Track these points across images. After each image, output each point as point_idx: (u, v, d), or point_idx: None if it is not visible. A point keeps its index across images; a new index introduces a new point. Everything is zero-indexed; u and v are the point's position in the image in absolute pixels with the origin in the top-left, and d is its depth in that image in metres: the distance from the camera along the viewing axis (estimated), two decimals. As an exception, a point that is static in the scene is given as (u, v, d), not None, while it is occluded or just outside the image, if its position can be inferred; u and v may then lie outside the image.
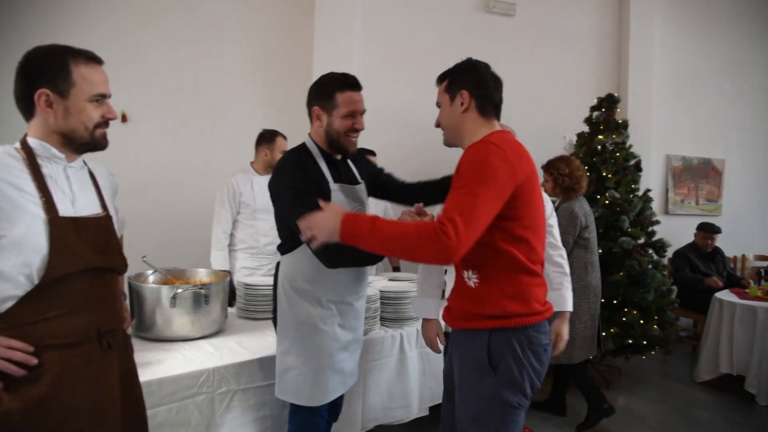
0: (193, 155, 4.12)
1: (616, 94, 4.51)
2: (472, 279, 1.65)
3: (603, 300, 4.04)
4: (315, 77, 2.10)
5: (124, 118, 3.74)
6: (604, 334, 3.95)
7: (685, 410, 3.86)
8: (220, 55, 4.17)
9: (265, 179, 3.11)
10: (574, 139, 4.68)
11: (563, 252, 2.56)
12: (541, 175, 3.79)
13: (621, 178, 4.25)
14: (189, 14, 4.09)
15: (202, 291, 2.34)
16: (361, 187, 2.11)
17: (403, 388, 2.66)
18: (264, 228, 3.37)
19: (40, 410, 1.28)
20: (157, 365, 2.08)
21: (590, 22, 5.39)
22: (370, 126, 4.24)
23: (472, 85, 1.70)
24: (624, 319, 4.03)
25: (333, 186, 1.97)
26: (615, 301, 4.10)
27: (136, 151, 3.91)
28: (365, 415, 2.58)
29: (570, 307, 2.46)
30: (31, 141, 1.38)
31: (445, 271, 1.93)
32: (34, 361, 1.27)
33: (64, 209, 1.36)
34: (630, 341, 4.06)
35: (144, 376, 1.84)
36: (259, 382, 2.19)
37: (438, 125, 1.81)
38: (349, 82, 1.99)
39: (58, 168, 1.41)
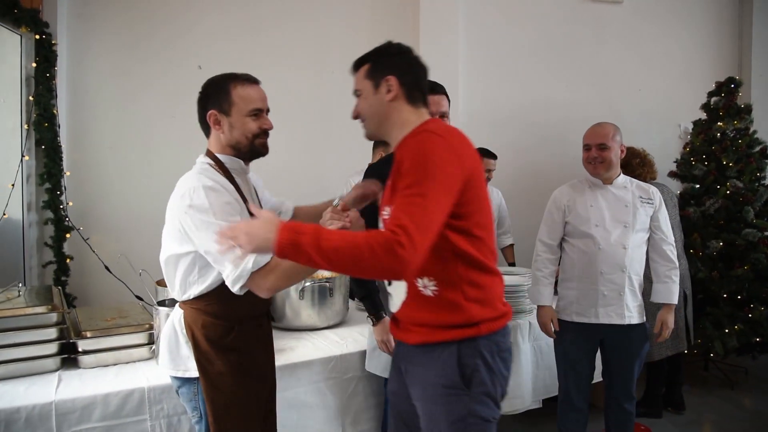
0: (304, 158, 4.37)
1: (737, 77, 4.25)
2: (429, 287, 1.47)
3: (725, 295, 3.85)
4: None
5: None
6: (726, 331, 3.76)
7: (822, 414, 3.59)
8: (327, 60, 4.43)
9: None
10: (690, 127, 4.46)
11: (673, 248, 2.59)
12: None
13: (744, 167, 4.01)
14: (298, 24, 4.37)
15: (327, 284, 2.58)
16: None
17: (515, 380, 2.75)
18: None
19: (238, 370, 1.62)
20: (290, 352, 2.33)
21: (706, 2, 5.09)
22: (480, 125, 4.33)
23: (399, 69, 1.53)
24: (750, 315, 3.81)
25: None
26: (739, 297, 3.88)
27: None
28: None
29: (675, 300, 2.58)
30: (221, 156, 1.67)
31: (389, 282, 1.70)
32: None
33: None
34: (757, 339, 3.83)
35: (279, 360, 2.09)
36: (381, 369, 2.38)
37: (357, 116, 1.60)
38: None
39: (244, 177, 1.72)
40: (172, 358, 1.66)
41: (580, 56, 4.68)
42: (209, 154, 1.69)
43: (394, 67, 1.53)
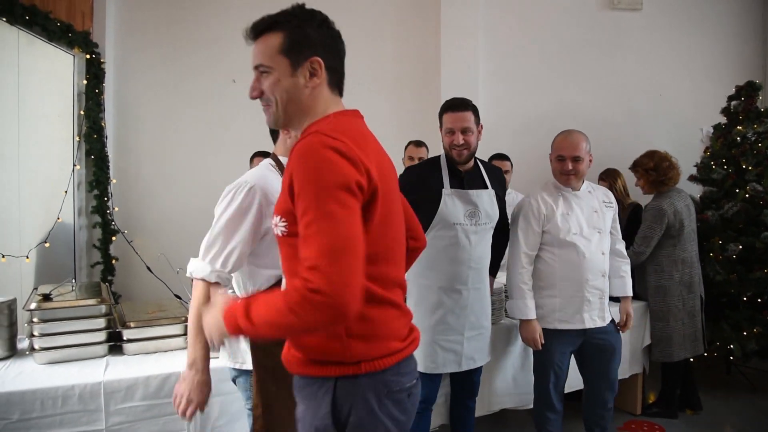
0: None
1: (757, 81, 4.27)
2: None
3: (744, 298, 3.87)
4: (443, 86, 2.44)
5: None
6: (745, 333, 3.79)
7: None
8: (352, 72, 4.63)
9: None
10: (711, 131, 4.49)
11: (623, 244, 2.81)
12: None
13: (763, 170, 4.02)
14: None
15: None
16: (480, 192, 2.40)
17: (526, 376, 2.88)
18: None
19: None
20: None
21: (728, 4, 5.09)
22: (501, 132, 4.46)
23: (325, 48, 1.27)
24: (769, 318, 3.82)
25: (447, 191, 2.35)
26: (759, 300, 3.90)
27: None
28: (491, 398, 2.85)
29: (630, 292, 2.79)
30: (283, 159, 1.79)
31: None
32: None
33: None
34: (779, 342, 3.84)
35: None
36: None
37: (258, 96, 1.29)
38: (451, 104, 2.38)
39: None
40: (231, 351, 1.82)
41: (599, 62, 4.77)
42: (273, 156, 1.81)
43: (318, 45, 1.25)
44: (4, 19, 3.28)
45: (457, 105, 2.39)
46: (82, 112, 4.12)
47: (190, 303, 1.65)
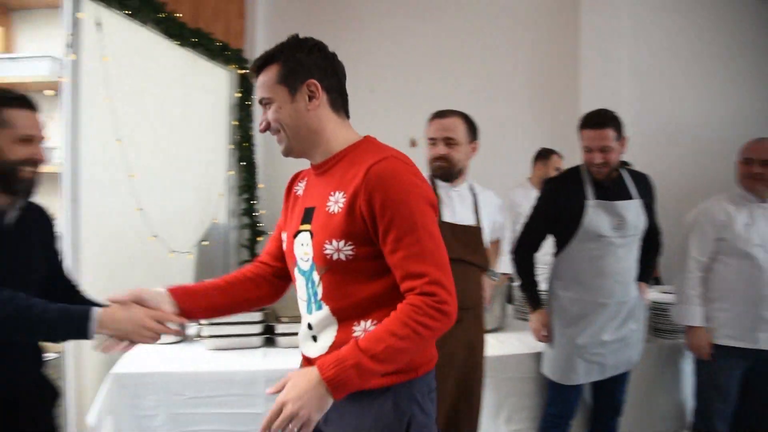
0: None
1: None
2: (368, 330, 1.25)
3: None
4: (583, 92, 2.33)
5: (413, 143, 4.45)
6: None
7: None
8: (491, 72, 4.63)
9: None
10: None
11: None
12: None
13: None
14: (461, 43, 4.64)
15: (486, 291, 2.76)
16: (626, 204, 2.30)
17: (677, 398, 2.70)
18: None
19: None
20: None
21: None
22: (645, 139, 4.23)
23: (319, 71, 1.31)
24: None
25: (591, 202, 2.26)
26: None
27: (424, 172, 4.60)
28: (636, 418, 2.68)
29: None
30: None
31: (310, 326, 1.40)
32: None
33: (447, 217, 2.03)
34: None
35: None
36: (536, 373, 2.51)
37: (266, 129, 1.34)
38: None
39: (445, 190, 2.09)
40: None
41: (756, 63, 4.35)
42: None
43: (313, 68, 1.30)
44: (177, 42, 3.68)
45: (595, 122, 2.26)
46: (234, 123, 4.50)
47: None
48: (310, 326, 1.35)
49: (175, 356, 2.37)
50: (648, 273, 2.55)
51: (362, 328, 1.26)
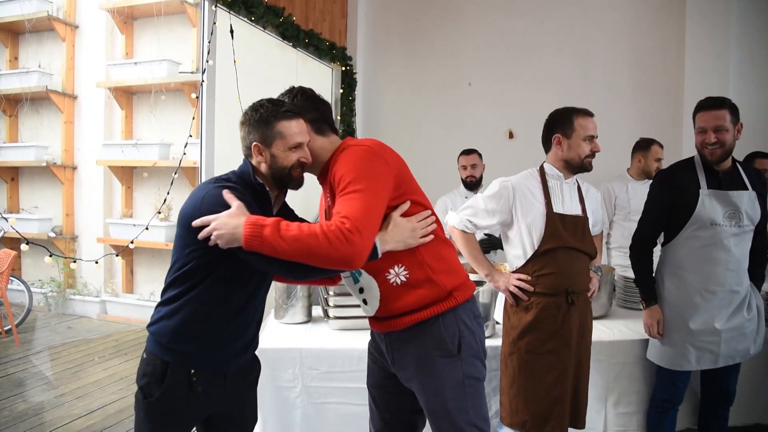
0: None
1: None
2: (401, 275, 1.63)
3: None
4: (686, 86, 2.33)
5: (510, 135, 4.55)
6: None
7: None
8: (592, 65, 4.60)
9: (640, 184, 3.46)
10: None
11: None
12: None
13: None
14: (562, 32, 4.63)
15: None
16: (740, 194, 2.30)
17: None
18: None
19: (529, 331, 2.11)
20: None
21: None
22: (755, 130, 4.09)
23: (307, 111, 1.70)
24: None
25: (704, 191, 2.29)
26: None
27: (521, 164, 4.66)
28: (746, 408, 2.68)
29: None
30: (545, 166, 2.25)
31: (361, 290, 1.75)
32: (531, 288, 2.14)
33: (557, 208, 2.16)
34: None
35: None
36: (643, 359, 2.57)
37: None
38: None
39: (558, 183, 2.22)
40: None
41: None
42: (541, 165, 2.27)
43: (310, 110, 1.69)
44: (291, 44, 3.96)
45: (711, 104, 2.28)
46: (338, 117, 4.77)
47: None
48: (361, 290, 1.70)
49: (306, 335, 2.64)
50: (760, 271, 2.52)
51: (395, 273, 1.62)
